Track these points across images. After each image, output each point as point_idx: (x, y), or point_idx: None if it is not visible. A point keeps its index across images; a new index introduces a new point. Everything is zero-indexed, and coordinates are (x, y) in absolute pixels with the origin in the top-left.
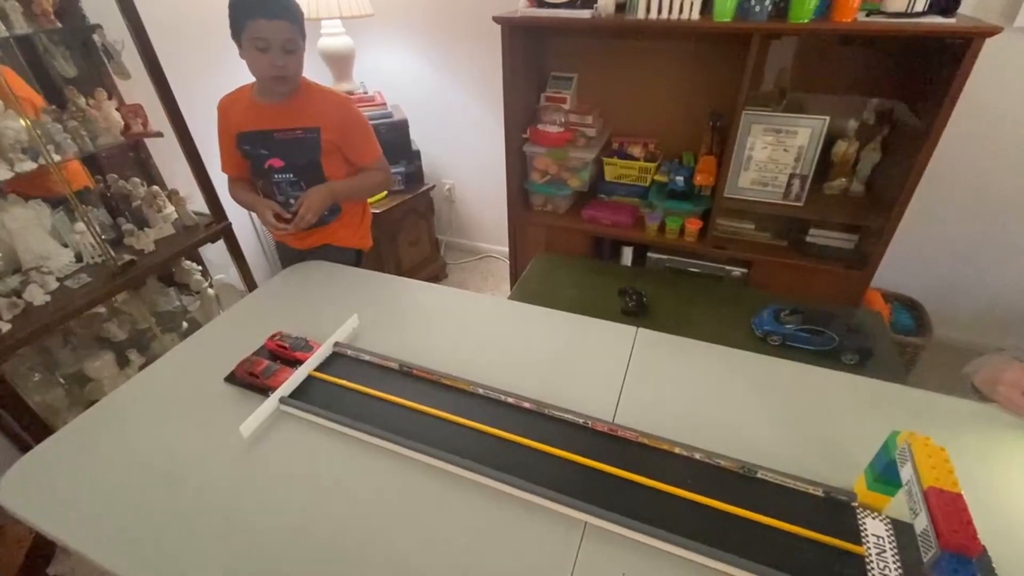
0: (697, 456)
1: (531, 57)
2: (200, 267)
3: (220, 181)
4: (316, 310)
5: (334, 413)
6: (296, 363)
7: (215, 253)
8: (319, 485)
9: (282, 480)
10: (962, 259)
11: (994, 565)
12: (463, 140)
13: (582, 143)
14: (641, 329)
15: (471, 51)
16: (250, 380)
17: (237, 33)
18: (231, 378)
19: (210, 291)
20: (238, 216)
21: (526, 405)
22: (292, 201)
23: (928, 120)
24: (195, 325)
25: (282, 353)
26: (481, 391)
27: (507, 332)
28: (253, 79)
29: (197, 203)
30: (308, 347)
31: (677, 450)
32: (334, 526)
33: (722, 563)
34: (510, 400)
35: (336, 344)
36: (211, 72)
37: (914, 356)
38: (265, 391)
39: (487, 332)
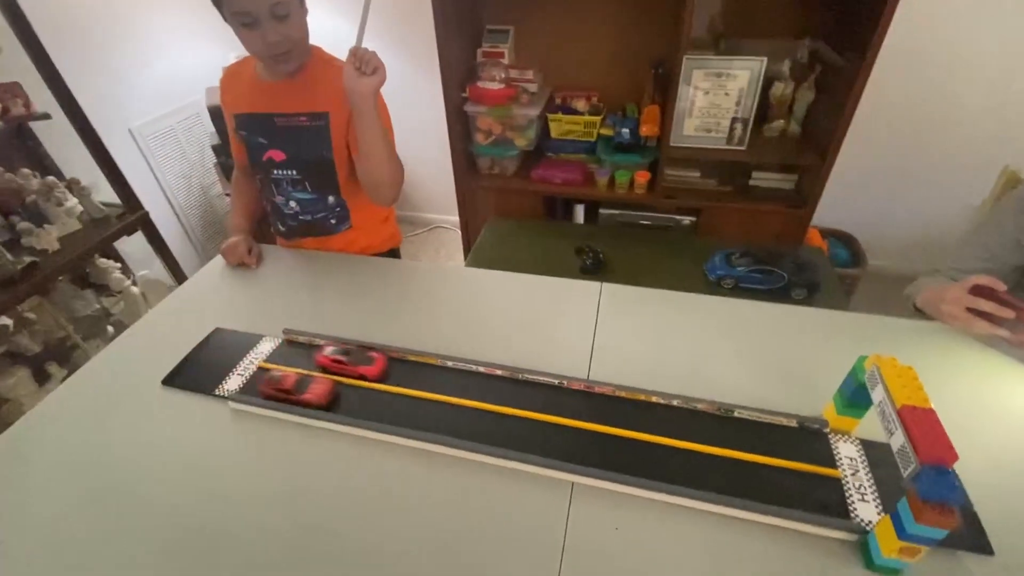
0: (675, 403)
1: (463, 9)
2: (119, 264)
3: (129, 166)
4: (260, 296)
5: (293, 405)
6: (361, 379)
7: (134, 247)
8: (285, 484)
9: (243, 484)
10: (891, 191)
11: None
12: (398, 104)
13: (525, 100)
14: (605, 284)
15: (396, 5)
16: (280, 396)
17: (218, 2)
18: (258, 393)
19: (134, 289)
20: (156, 203)
21: (499, 373)
22: (293, 204)
23: (856, 58)
24: (123, 329)
25: (339, 369)
26: (450, 364)
27: (469, 300)
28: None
29: (105, 192)
30: (369, 359)
31: (655, 399)
32: (308, 525)
33: (709, 503)
34: (481, 369)
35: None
36: (104, 39)
37: (852, 286)
38: (302, 406)
39: (449, 302)
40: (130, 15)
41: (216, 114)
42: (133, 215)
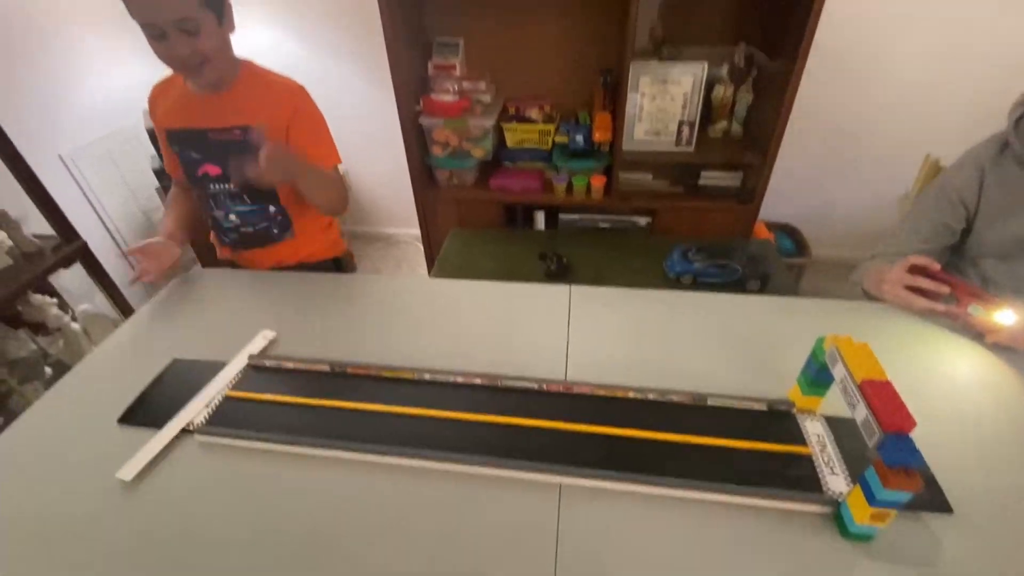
0: (651, 396)
1: (412, 22)
2: (55, 300)
3: (61, 194)
4: (219, 323)
5: (267, 432)
6: None
7: (72, 280)
8: (267, 515)
9: (220, 519)
10: (828, 184)
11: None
12: (351, 120)
13: (479, 110)
14: (574, 286)
15: (344, 21)
16: None
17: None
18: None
19: (74, 326)
20: (94, 233)
21: (477, 381)
22: (233, 217)
23: (788, 62)
24: (63, 369)
25: None
26: (427, 376)
27: (440, 311)
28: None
29: (36, 223)
30: None
31: (631, 394)
32: (295, 554)
33: (692, 491)
34: (459, 379)
35: (251, 357)
36: (27, 60)
37: (799, 275)
38: None
39: (419, 315)
40: (56, 33)
41: (155, 136)
42: (70, 246)
